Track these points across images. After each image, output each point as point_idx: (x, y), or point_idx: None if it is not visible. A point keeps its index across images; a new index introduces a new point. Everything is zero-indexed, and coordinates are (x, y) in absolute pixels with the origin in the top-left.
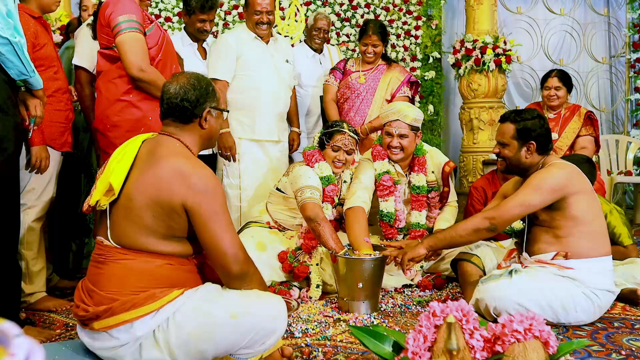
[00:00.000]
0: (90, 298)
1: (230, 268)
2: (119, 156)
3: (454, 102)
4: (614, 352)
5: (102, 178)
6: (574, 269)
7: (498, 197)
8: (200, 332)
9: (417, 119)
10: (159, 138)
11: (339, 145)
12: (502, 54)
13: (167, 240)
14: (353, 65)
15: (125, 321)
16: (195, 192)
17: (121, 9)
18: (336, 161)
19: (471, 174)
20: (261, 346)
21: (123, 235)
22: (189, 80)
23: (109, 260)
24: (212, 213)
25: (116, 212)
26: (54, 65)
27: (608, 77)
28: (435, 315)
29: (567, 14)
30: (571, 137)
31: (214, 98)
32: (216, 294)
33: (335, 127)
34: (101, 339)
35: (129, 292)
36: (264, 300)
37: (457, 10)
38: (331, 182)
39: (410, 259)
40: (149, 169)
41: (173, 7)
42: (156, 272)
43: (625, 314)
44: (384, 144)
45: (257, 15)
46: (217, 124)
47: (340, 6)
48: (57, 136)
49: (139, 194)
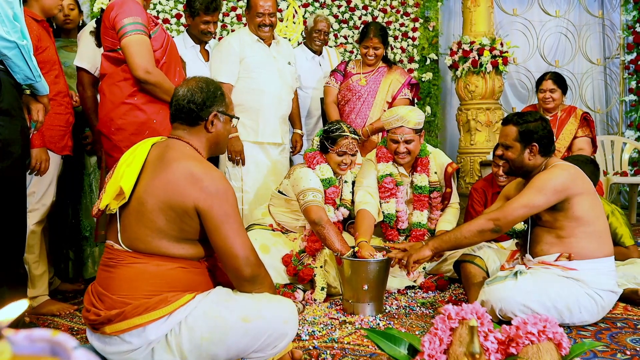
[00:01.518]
0: (102, 302)
1: (241, 271)
2: (128, 160)
3: (450, 103)
4: (618, 352)
5: (111, 182)
6: (577, 270)
7: (500, 198)
8: (213, 336)
9: (419, 122)
10: (168, 142)
11: (344, 150)
12: (499, 55)
13: (180, 243)
14: (354, 67)
15: (138, 325)
16: (208, 195)
17: (126, 11)
18: (342, 165)
19: (468, 175)
20: (273, 349)
21: (135, 238)
22: (198, 84)
23: (120, 264)
24: (224, 216)
25: (127, 215)
26: (55, 68)
27: (603, 79)
28: (450, 318)
29: (562, 15)
30: (568, 139)
31: (222, 103)
32: (227, 297)
33: (337, 132)
34: (113, 344)
35: (141, 295)
36: (276, 304)
37: (453, 12)
38: (332, 184)
39: (415, 261)
40: (161, 172)
41: (171, 9)
42: (168, 276)
43: (627, 314)
44: (390, 150)
45: (260, 18)
46: (225, 130)
47: (338, 8)
48: (57, 139)
49: (151, 198)
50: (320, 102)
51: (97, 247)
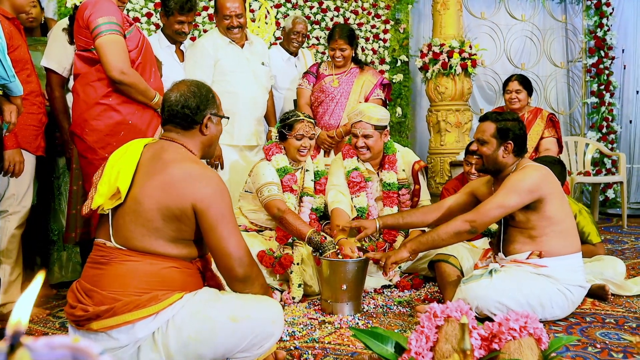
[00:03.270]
0: (89, 298)
1: (234, 271)
2: (120, 160)
3: (420, 104)
4: (589, 346)
5: (103, 181)
6: (548, 267)
7: (465, 191)
8: (200, 336)
9: (380, 119)
10: (162, 143)
11: (302, 134)
12: (467, 58)
13: (175, 242)
14: (326, 69)
15: (127, 322)
16: (205, 196)
17: (100, 10)
18: (301, 149)
19: (439, 175)
20: (259, 349)
21: (130, 237)
22: (190, 88)
23: (112, 261)
24: (220, 216)
25: (122, 215)
26: (27, 67)
27: (566, 81)
28: (436, 316)
29: (528, 20)
30: (535, 140)
31: (214, 105)
32: (215, 297)
33: (293, 117)
34: (99, 340)
35: (133, 292)
36: (263, 304)
37: (423, 14)
38: (287, 172)
39: (393, 262)
40: (158, 173)
41: (141, 8)
42: (160, 274)
43: (595, 309)
44: (352, 145)
45: (227, 20)
46: (217, 131)
47: (310, 9)
48: (31, 139)
49: (148, 198)
50: (294, 104)
51: (65, 252)
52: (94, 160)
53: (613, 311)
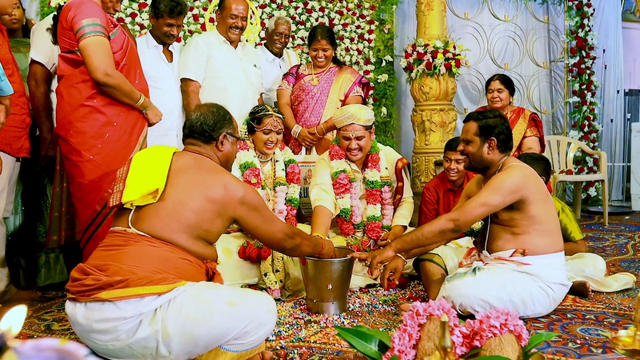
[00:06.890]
0: (103, 271)
1: (284, 245)
2: (150, 163)
3: (405, 104)
4: (570, 342)
5: (133, 179)
6: (531, 264)
7: (463, 197)
8: (198, 315)
9: (369, 119)
10: (192, 154)
11: (270, 128)
12: (451, 58)
13: (197, 240)
14: (305, 69)
15: (138, 295)
16: (248, 208)
17: (85, 12)
18: (268, 143)
19: (423, 174)
20: (252, 337)
21: (159, 228)
22: (209, 109)
23: (132, 243)
24: (261, 219)
25: (155, 209)
26: (9, 67)
27: (548, 81)
28: (419, 314)
29: (511, 20)
30: (518, 139)
31: (230, 125)
32: (215, 286)
33: (262, 112)
34: (104, 310)
35: (149, 270)
36: (258, 295)
37: (408, 15)
38: (248, 167)
39: (379, 262)
40: (204, 180)
41: (125, 8)
42: (175, 262)
43: (576, 305)
44: (343, 147)
45: (233, 19)
46: (233, 150)
47: (295, 10)
48: (12, 141)
49: (193, 201)
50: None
51: (54, 254)
52: (79, 163)
53: (593, 307)
